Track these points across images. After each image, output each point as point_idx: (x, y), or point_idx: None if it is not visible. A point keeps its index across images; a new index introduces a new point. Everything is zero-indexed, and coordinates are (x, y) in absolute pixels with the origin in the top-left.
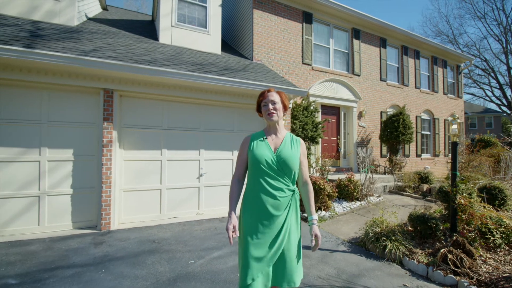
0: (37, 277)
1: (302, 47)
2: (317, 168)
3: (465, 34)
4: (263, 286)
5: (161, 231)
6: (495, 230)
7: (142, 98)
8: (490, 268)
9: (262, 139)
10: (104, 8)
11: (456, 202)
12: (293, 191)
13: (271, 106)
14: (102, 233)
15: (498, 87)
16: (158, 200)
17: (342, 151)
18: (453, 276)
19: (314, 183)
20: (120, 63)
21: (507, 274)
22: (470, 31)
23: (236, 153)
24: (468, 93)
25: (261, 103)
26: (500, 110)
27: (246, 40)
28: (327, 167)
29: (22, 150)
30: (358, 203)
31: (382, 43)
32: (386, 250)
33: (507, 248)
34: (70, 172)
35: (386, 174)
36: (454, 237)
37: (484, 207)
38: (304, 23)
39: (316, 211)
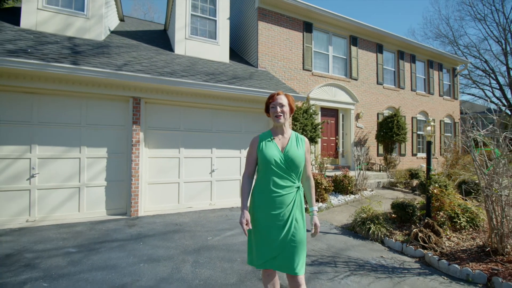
0: (90, 247)
1: (303, 54)
2: (316, 165)
3: (466, 35)
4: (272, 267)
5: (180, 217)
6: (462, 215)
7: (164, 104)
8: (452, 243)
9: (270, 139)
10: (121, 19)
11: (430, 191)
12: (298, 187)
13: (279, 109)
14: (132, 218)
15: (498, 87)
16: (176, 192)
17: (340, 150)
18: (422, 250)
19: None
20: (148, 76)
21: (464, 248)
22: (471, 32)
23: (243, 151)
24: (469, 94)
25: (270, 105)
26: (501, 110)
27: (251, 49)
28: (325, 165)
29: (66, 148)
30: (352, 196)
31: (379, 48)
32: (370, 232)
33: (471, 229)
34: (104, 167)
35: (381, 171)
36: (426, 220)
37: (455, 196)
38: (304, 32)
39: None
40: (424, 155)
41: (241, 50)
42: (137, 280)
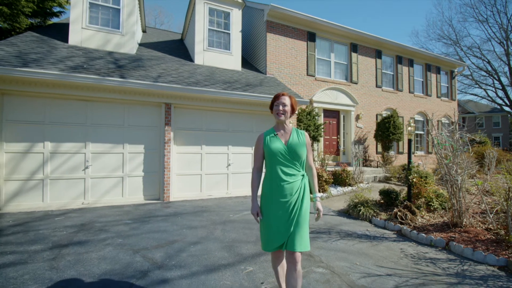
0: (141, 220)
1: (307, 61)
2: (318, 161)
3: (469, 36)
4: (280, 248)
5: (204, 202)
6: (435, 199)
7: (189, 108)
8: (424, 220)
9: (273, 135)
10: (144, 30)
11: (410, 180)
12: (303, 175)
13: (281, 108)
14: (165, 203)
15: (501, 88)
16: (199, 182)
17: (341, 148)
18: (399, 225)
19: None
20: (179, 86)
21: (433, 223)
22: (475, 33)
23: None
24: (472, 94)
25: (274, 103)
26: (503, 110)
27: (260, 57)
28: (326, 161)
29: (112, 145)
30: (349, 188)
31: (378, 54)
32: (360, 213)
33: (442, 211)
34: (142, 161)
35: (378, 167)
36: (405, 203)
37: (431, 184)
38: (308, 41)
39: None
40: (422, 153)
41: (250, 58)
42: (184, 238)
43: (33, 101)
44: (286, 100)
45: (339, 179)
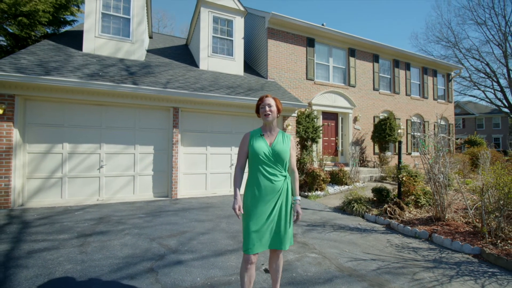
0: (154, 214)
1: (306, 66)
2: (316, 161)
3: (468, 38)
4: (261, 249)
5: (209, 200)
6: (423, 196)
7: (195, 112)
8: (412, 215)
9: (260, 135)
10: (150, 36)
11: (400, 179)
12: (285, 176)
13: (267, 108)
14: (173, 199)
15: (500, 89)
16: (204, 181)
17: (340, 149)
18: (389, 219)
19: (313, 171)
20: (186, 92)
21: (419, 217)
22: (474, 35)
23: None
24: (471, 95)
25: (260, 106)
26: (502, 112)
27: (262, 62)
28: (324, 161)
29: (124, 146)
30: (346, 186)
31: (375, 58)
32: (354, 209)
33: (429, 207)
34: (151, 161)
35: (375, 167)
36: (395, 200)
37: (419, 183)
38: (307, 47)
39: (314, 192)
40: (418, 154)
41: (252, 62)
42: (193, 229)
43: (53, 106)
44: (271, 101)
45: (336, 179)
